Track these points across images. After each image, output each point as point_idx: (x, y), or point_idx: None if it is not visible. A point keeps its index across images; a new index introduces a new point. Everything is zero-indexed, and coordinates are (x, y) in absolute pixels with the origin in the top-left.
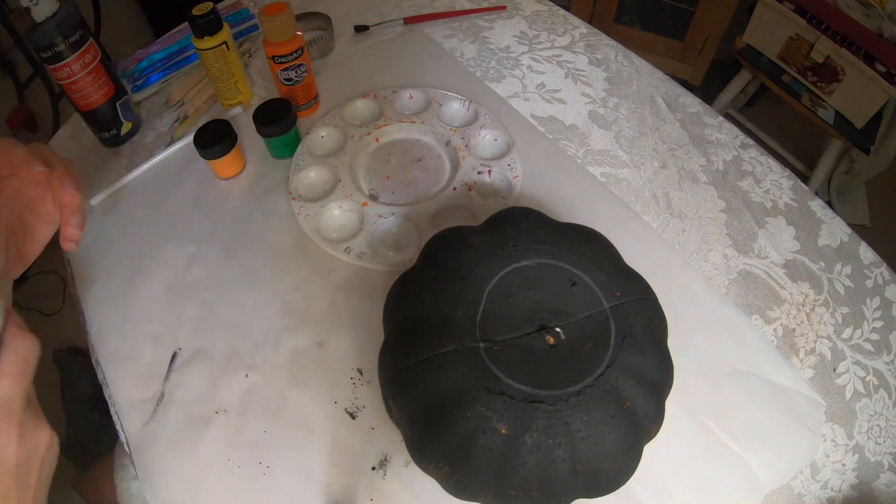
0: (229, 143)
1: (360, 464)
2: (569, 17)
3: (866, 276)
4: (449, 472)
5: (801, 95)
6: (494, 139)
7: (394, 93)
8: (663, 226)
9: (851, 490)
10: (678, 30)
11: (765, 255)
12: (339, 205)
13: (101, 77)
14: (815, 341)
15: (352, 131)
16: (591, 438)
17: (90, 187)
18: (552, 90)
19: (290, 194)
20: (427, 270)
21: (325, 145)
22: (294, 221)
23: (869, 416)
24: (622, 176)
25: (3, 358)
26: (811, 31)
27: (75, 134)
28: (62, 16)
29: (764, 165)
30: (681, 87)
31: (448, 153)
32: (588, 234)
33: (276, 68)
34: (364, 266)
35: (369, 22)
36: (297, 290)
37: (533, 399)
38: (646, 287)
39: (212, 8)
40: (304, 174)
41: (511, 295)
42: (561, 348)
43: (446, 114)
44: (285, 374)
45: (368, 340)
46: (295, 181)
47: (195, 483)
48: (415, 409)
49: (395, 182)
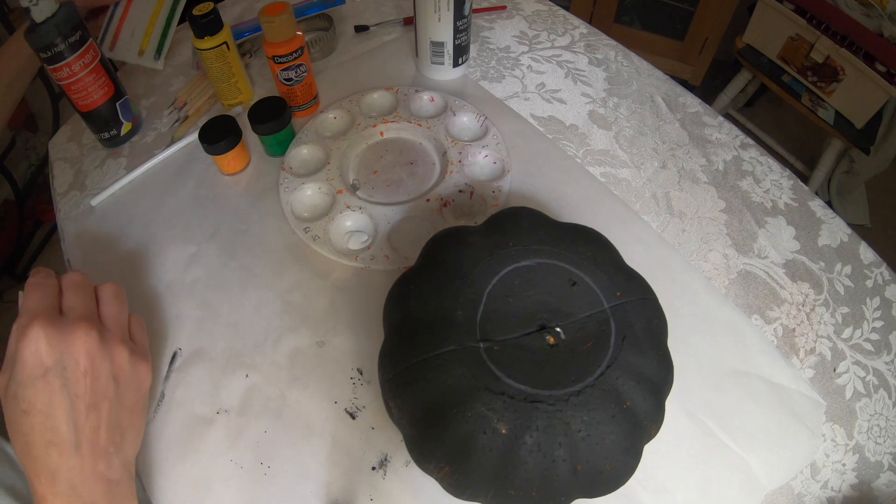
0: (235, 138)
1: (360, 464)
2: (569, 17)
3: (866, 276)
4: (449, 472)
5: (801, 95)
6: (493, 162)
7: (416, 92)
8: (663, 226)
9: (851, 490)
10: (678, 30)
11: (765, 255)
12: (319, 186)
13: (101, 77)
14: (815, 341)
15: (360, 119)
16: (591, 438)
17: (90, 187)
18: (552, 90)
19: (283, 164)
20: (427, 270)
21: (332, 127)
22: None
23: (869, 415)
24: (622, 176)
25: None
26: (811, 31)
27: (75, 134)
28: (62, 16)
29: (764, 165)
30: (681, 87)
31: (441, 164)
32: (588, 234)
33: (276, 68)
34: (321, 251)
35: (369, 22)
36: (297, 290)
37: (533, 399)
38: (646, 287)
39: (212, 8)
40: (300, 149)
41: (511, 295)
42: (561, 348)
43: (457, 125)
44: (285, 374)
45: (368, 340)
46: (292, 154)
47: (197, 483)
48: (415, 408)
49: (379, 178)
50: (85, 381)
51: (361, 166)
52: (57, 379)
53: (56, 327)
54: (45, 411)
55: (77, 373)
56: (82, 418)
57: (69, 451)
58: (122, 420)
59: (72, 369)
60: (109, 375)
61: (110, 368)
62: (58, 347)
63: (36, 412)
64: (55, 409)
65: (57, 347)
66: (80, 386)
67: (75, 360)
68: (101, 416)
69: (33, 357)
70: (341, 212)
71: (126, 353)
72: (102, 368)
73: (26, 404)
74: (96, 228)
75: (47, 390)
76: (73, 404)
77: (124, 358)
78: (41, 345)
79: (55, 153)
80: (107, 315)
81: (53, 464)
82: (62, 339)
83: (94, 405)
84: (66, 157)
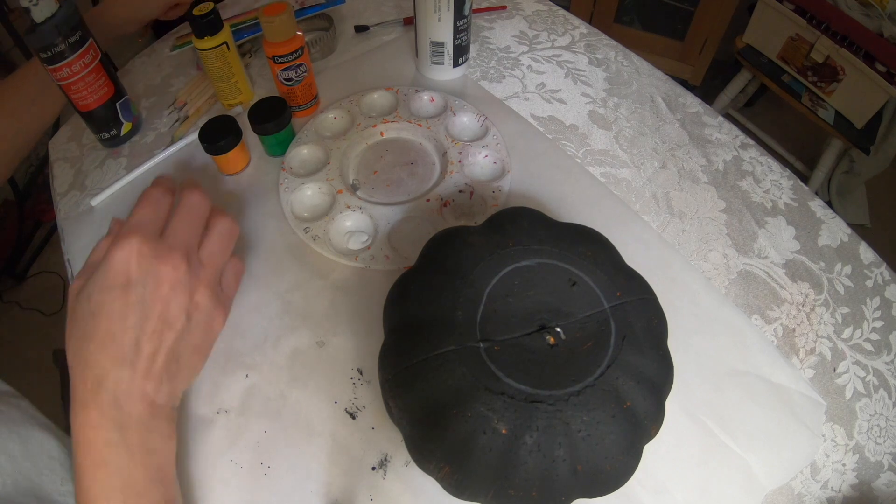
0: (235, 138)
1: (360, 464)
2: (569, 17)
3: (866, 276)
4: (449, 472)
5: (801, 95)
6: (493, 162)
7: (416, 92)
8: (663, 226)
9: (851, 490)
10: (678, 30)
11: (765, 255)
12: (319, 186)
13: (101, 77)
14: (815, 341)
15: (360, 119)
16: (591, 438)
17: (90, 188)
18: (552, 90)
19: (283, 164)
20: (427, 270)
21: (332, 127)
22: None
23: (869, 416)
24: (622, 176)
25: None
26: (811, 31)
27: (75, 134)
28: (62, 16)
29: (764, 165)
30: (681, 87)
31: (441, 164)
32: (588, 234)
33: (276, 68)
34: (321, 252)
35: (369, 22)
36: (297, 290)
37: (533, 399)
38: (646, 287)
39: (212, 8)
40: (300, 149)
41: (511, 295)
42: (561, 348)
43: (457, 125)
44: (285, 374)
45: (368, 340)
46: (292, 154)
47: (198, 483)
48: (415, 408)
49: (380, 178)
50: (159, 307)
51: (361, 166)
52: (135, 293)
53: (151, 247)
54: (113, 318)
55: (155, 296)
56: (145, 337)
57: (122, 363)
58: (182, 355)
59: (151, 291)
60: (183, 309)
61: (187, 304)
62: (146, 267)
63: (103, 316)
64: (123, 319)
65: (145, 266)
66: (154, 309)
67: (158, 283)
68: (163, 342)
69: (121, 265)
70: (341, 212)
71: (208, 295)
72: (180, 301)
73: (96, 307)
74: (96, 228)
75: (122, 300)
76: (141, 322)
77: (205, 300)
78: (133, 258)
79: (55, 153)
80: (206, 251)
81: (103, 371)
82: (153, 261)
83: (159, 331)
84: (66, 157)
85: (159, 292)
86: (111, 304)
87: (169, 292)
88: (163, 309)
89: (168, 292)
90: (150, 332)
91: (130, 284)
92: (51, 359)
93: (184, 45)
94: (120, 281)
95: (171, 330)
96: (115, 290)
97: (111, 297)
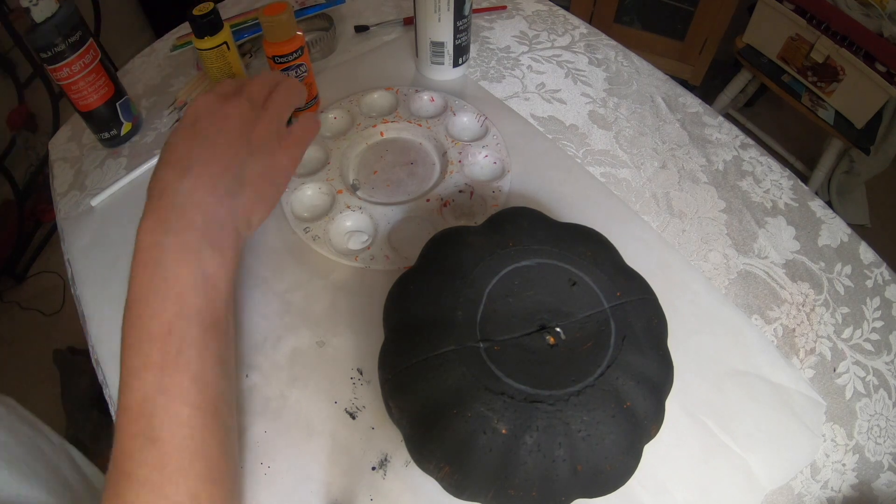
0: None
1: (360, 464)
2: (569, 17)
3: (866, 276)
4: (449, 472)
5: (801, 95)
6: (493, 162)
7: (416, 92)
8: (663, 226)
9: (851, 490)
10: (678, 30)
11: (765, 255)
12: (319, 186)
13: (101, 77)
14: (815, 341)
15: (360, 119)
16: (591, 438)
17: (90, 187)
18: (552, 90)
19: None
20: (427, 270)
21: (332, 127)
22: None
23: (869, 416)
24: (622, 176)
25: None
26: (811, 31)
27: (75, 134)
28: (62, 16)
29: (764, 165)
30: (681, 87)
31: (441, 164)
32: (588, 234)
33: (276, 68)
34: (321, 252)
35: (369, 22)
36: (297, 290)
37: (533, 399)
38: (646, 287)
39: (212, 8)
40: None
41: (511, 295)
42: (561, 348)
43: (457, 125)
44: (285, 374)
45: (368, 340)
46: None
47: None
48: (415, 409)
49: (380, 178)
50: (222, 136)
51: (361, 166)
52: (200, 126)
53: (220, 96)
54: (178, 146)
55: (217, 127)
56: (207, 153)
57: (183, 175)
58: (247, 178)
59: (214, 123)
60: (243, 137)
61: (248, 133)
62: (212, 107)
63: (171, 146)
64: (188, 146)
65: (212, 107)
66: (216, 139)
67: (221, 118)
68: (226, 163)
69: (192, 109)
70: (341, 212)
71: (268, 130)
72: (240, 130)
73: (169, 142)
74: (96, 228)
75: (190, 131)
76: (203, 145)
77: (264, 133)
78: (202, 104)
79: (55, 153)
80: (271, 100)
81: (167, 181)
82: (218, 104)
83: (220, 154)
84: (66, 157)
85: (221, 124)
86: (180, 136)
87: (229, 123)
88: (224, 139)
89: (228, 124)
90: (210, 154)
91: (198, 120)
92: (51, 359)
93: (184, 45)
94: (189, 121)
95: (231, 153)
96: (185, 127)
97: (181, 132)
